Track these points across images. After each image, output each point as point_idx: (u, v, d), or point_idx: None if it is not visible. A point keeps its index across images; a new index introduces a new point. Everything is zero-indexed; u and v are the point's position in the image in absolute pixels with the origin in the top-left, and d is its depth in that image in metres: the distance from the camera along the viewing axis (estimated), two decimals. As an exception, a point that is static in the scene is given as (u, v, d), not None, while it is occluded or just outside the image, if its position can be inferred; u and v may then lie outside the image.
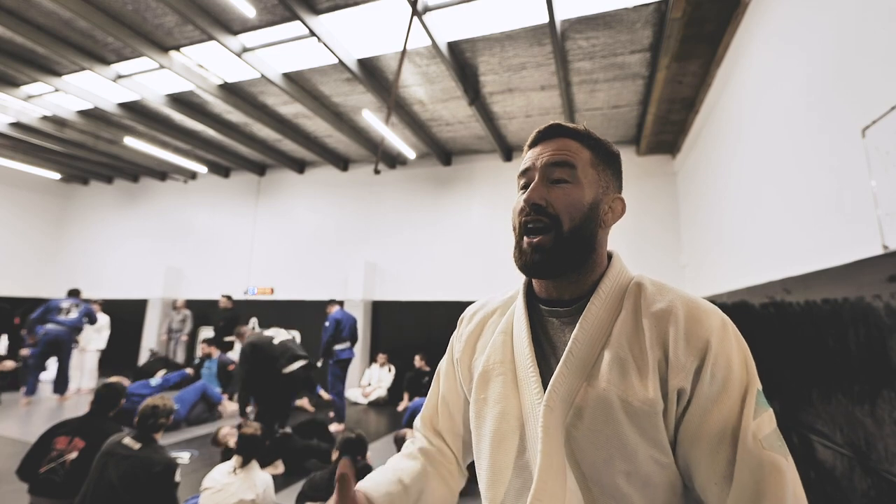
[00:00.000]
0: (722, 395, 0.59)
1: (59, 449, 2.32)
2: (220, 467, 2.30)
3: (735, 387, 0.59)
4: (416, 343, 6.94)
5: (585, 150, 0.71)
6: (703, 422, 0.59)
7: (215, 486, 2.19)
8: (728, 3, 3.28)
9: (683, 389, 0.59)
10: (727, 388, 0.59)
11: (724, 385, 0.59)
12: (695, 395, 0.59)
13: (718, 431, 0.58)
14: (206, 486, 2.23)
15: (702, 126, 4.75)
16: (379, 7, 4.02)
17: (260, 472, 2.30)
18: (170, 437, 4.41)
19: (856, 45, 1.91)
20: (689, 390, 0.59)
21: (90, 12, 4.20)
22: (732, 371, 0.59)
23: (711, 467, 0.58)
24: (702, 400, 0.59)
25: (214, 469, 2.31)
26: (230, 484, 2.19)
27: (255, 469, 2.31)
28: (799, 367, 2.48)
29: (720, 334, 0.61)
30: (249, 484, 2.22)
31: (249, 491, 2.20)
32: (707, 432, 0.58)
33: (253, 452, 2.33)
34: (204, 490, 2.21)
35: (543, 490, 0.59)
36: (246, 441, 2.33)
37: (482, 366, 0.76)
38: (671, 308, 0.64)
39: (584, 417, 0.62)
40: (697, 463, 0.59)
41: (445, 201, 7.59)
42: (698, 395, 0.59)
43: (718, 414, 0.58)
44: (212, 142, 7.72)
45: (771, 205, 2.93)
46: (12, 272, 9.67)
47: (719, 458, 0.57)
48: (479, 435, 0.74)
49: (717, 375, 0.59)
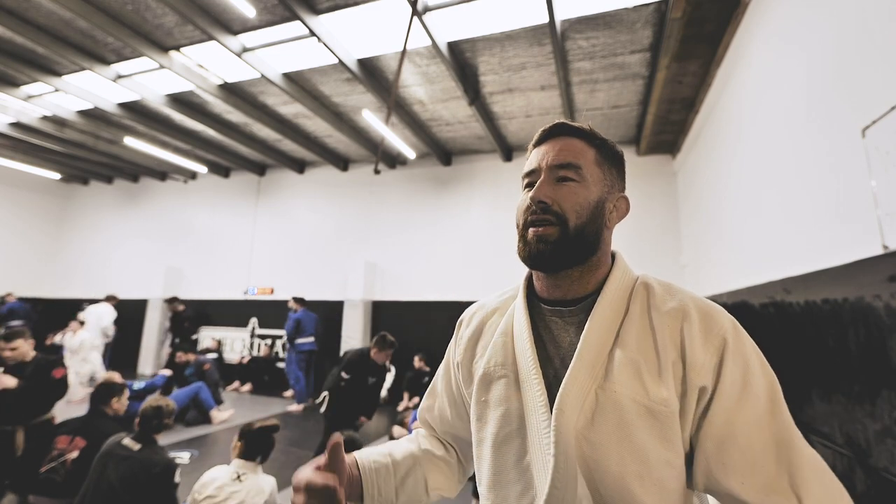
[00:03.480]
0: (747, 394, 0.58)
1: (59, 448, 2.33)
2: (215, 472, 2.07)
3: (761, 386, 0.59)
4: (416, 343, 6.94)
5: (590, 149, 0.71)
6: (731, 421, 0.57)
7: (218, 494, 1.97)
8: (728, 3, 3.28)
9: (705, 388, 0.59)
10: (751, 386, 0.58)
11: (745, 383, 0.58)
12: (717, 393, 0.59)
13: (747, 431, 0.57)
14: (205, 494, 1.98)
15: (702, 126, 4.75)
16: (379, 7, 4.02)
17: (265, 476, 2.17)
18: (169, 438, 4.41)
19: (856, 45, 1.91)
20: (710, 388, 0.59)
21: (90, 12, 4.20)
22: (752, 369, 0.59)
23: (739, 466, 0.56)
24: (725, 398, 0.58)
25: (208, 474, 2.06)
26: (237, 492, 2.00)
27: (261, 472, 2.15)
28: (799, 367, 2.49)
29: (734, 332, 0.61)
30: (258, 490, 2.05)
31: (258, 496, 2.04)
32: (739, 432, 0.57)
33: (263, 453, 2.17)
34: (204, 499, 1.97)
35: (555, 496, 0.58)
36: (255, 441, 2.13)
37: (483, 368, 0.75)
38: (683, 307, 0.63)
39: (594, 420, 0.61)
40: (725, 463, 0.57)
41: (445, 201, 7.59)
42: (720, 393, 0.58)
43: (750, 414, 0.57)
44: (212, 142, 7.71)
45: (771, 205, 2.93)
46: (12, 272, 9.67)
47: (747, 457, 0.56)
48: (480, 438, 0.73)
49: (737, 373, 0.58)
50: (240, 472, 2.08)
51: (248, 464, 2.12)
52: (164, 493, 2.08)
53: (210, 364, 5.68)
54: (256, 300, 8.41)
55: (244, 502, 2.00)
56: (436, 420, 0.88)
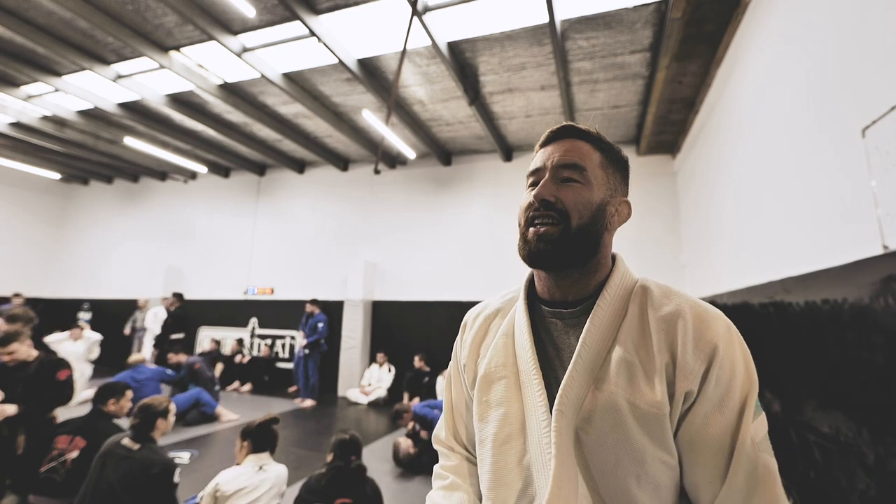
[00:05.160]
0: (725, 400, 0.60)
1: (59, 448, 2.32)
2: (233, 472, 2.09)
3: (737, 392, 0.60)
4: (416, 343, 6.94)
5: (596, 152, 0.72)
6: (706, 424, 0.60)
7: (248, 485, 2.02)
8: (728, 3, 3.28)
9: (691, 392, 0.60)
10: (730, 393, 0.60)
11: (727, 390, 0.60)
12: (699, 398, 0.60)
13: (719, 434, 0.59)
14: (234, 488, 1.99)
15: (702, 126, 4.75)
16: (379, 7, 4.02)
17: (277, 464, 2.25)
18: (169, 438, 4.41)
19: (856, 45, 1.91)
20: (695, 393, 0.60)
21: (90, 12, 4.20)
22: (736, 376, 0.60)
23: (707, 467, 0.59)
24: (705, 403, 0.60)
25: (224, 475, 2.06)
26: (266, 479, 2.09)
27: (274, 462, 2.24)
28: (798, 366, 2.48)
29: (726, 339, 0.62)
30: (277, 475, 2.17)
31: (280, 481, 2.17)
32: (709, 435, 0.60)
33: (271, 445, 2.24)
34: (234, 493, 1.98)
35: (558, 496, 0.59)
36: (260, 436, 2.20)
37: (484, 369, 0.75)
38: (679, 312, 0.64)
39: (592, 421, 0.62)
40: (693, 462, 0.61)
41: (445, 201, 7.59)
42: (702, 399, 0.60)
43: (721, 418, 0.59)
44: (212, 142, 7.72)
45: (771, 205, 2.93)
46: (12, 272, 9.67)
47: (717, 458, 0.59)
48: (481, 437, 0.73)
49: (722, 380, 0.60)
50: (260, 463, 2.15)
51: (263, 455, 2.18)
52: (163, 493, 2.08)
53: (200, 363, 5.66)
54: (256, 300, 8.42)
55: (275, 486, 2.10)
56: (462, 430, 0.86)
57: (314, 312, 6.80)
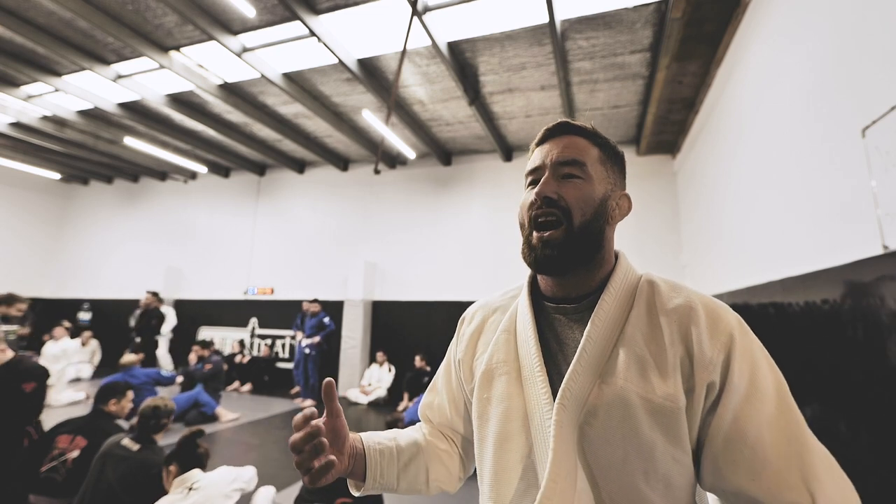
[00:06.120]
0: (755, 391, 0.58)
1: (60, 447, 2.32)
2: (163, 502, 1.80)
3: (769, 383, 0.59)
4: (416, 343, 6.94)
5: (593, 147, 0.72)
6: (740, 418, 0.57)
7: None
8: (728, 3, 3.28)
9: (713, 383, 0.59)
10: (759, 383, 0.58)
11: (754, 379, 0.58)
12: (725, 389, 0.58)
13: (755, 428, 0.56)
14: None
15: (702, 126, 4.75)
16: (379, 7, 4.02)
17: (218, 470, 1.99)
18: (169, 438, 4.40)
19: (856, 45, 1.91)
20: (718, 384, 0.59)
21: (90, 12, 4.20)
22: (760, 366, 0.59)
23: (764, 467, 0.56)
24: (733, 395, 0.58)
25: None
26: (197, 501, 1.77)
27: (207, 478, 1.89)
28: (798, 366, 2.48)
29: (740, 329, 0.61)
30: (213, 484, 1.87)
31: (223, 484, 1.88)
32: (749, 429, 0.57)
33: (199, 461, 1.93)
34: None
35: (553, 490, 0.58)
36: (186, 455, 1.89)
37: (484, 364, 0.75)
38: (690, 304, 0.63)
39: (598, 416, 0.61)
40: (734, 461, 0.57)
41: (445, 201, 7.59)
42: (729, 390, 0.58)
43: (751, 410, 0.57)
44: (212, 142, 7.71)
45: (771, 205, 2.93)
46: (12, 272, 9.66)
47: (778, 459, 0.55)
48: (482, 435, 0.73)
49: (746, 369, 0.59)
50: (188, 484, 1.86)
51: (191, 474, 1.92)
52: (163, 493, 2.08)
53: (211, 364, 5.69)
54: (256, 300, 8.41)
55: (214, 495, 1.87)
56: (435, 416, 0.88)
57: (317, 311, 6.81)
